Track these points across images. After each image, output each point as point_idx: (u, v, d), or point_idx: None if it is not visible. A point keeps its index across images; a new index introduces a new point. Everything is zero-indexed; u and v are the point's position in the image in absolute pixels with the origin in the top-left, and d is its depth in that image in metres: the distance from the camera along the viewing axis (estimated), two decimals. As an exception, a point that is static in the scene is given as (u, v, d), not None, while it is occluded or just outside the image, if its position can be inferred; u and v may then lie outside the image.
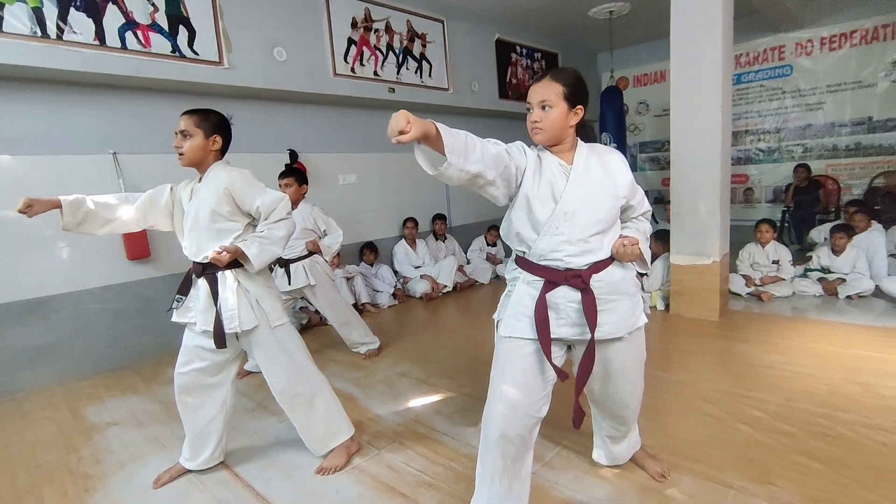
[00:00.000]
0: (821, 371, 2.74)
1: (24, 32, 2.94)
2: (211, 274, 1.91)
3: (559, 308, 1.51)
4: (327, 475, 2.08)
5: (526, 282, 1.56)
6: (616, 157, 1.61)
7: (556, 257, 1.48)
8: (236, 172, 1.95)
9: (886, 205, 5.62)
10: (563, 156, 1.56)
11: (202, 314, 1.92)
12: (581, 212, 1.47)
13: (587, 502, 1.79)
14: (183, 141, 1.91)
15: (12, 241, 3.26)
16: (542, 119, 1.50)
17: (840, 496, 1.71)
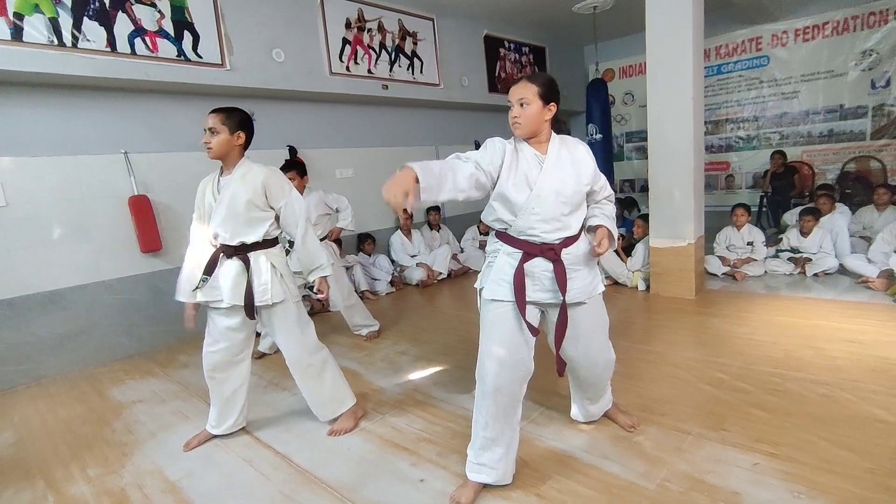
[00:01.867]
0: (781, 339, 3.03)
1: (42, 42, 3.15)
2: (243, 254, 2.16)
3: (535, 276, 1.78)
4: (338, 436, 2.35)
5: (506, 253, 1.80)
6: (581, 148, 1.87)
7: (532, 233, 1.74)
8: (271, 171, 2.21)
9: (857, 188, 5.93)
10: (538, 147, 1.80)
11: (230, 291, 2.16)
12: (552, 196, 1.72)
13: (567, 450, 2.07)
14: (211, 137, 2.13)
15: (34, 236, 3.48)
16: (520, 115, 1.74)
17: (781, 437, 2.00)
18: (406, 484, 1.94)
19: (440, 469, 2.01)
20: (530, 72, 7.27)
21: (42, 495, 2.11)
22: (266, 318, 2.27)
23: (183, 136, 4.17)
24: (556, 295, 1.78)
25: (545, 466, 1.96)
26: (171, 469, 2.20)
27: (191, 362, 3.62)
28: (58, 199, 3.57)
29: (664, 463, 1.91)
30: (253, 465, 2.17)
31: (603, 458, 1.97)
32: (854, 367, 2.56)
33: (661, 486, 1.78)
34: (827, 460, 1.84)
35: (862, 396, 2.27)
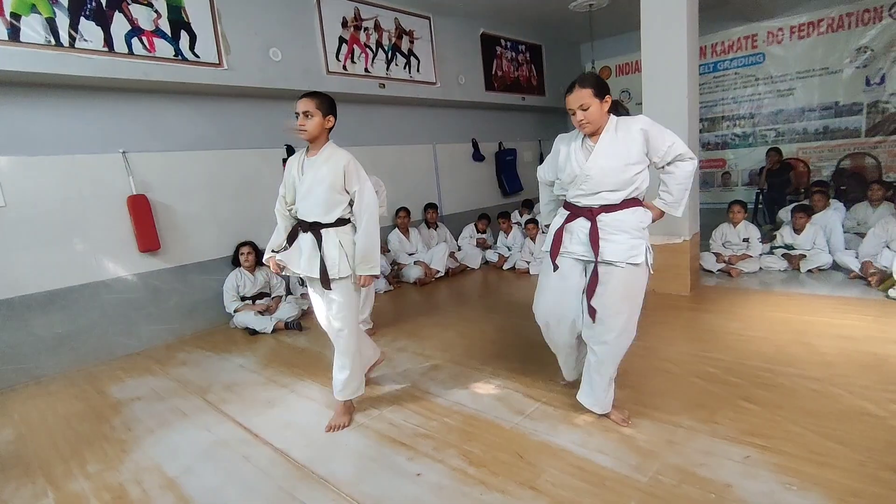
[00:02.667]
0: (773, 334, 3.07)
1: (39, 42, 3.17)
2: (317, 231, 2.33)
3: (573, 231, 2.14)
4: (334, 432, 2.39)
5: (561, 214, 2.22)
6: (636, 126, 2.04)
7: (577, 201, 2.12)
8: (351, 157, 2.33)
9: (852, 185, 5.97)
10: (594, 136, 2.09)
11: (306, 263, 2.35)
12: (596, 177, 2.04)
13: (562, 444, 2.10)
14: (305, 120, 2.24)
15: (33, 236, 3.50)
16: (584, 118, 2.02)
17: (769, 430, 2.03)
18: (403, 478, 1.97)
19: (437, 463, 2.04)
20: (526, 70, 7.30)
21: (42, 491, 2.13)
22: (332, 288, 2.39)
23: (181, 135, 4.19)
24: (590, 251, 2.07)
25: (540, 460, 1.99)
26: (170, 465, 2.23)
27: (189, 360, 3.65)
28: (56, 198, 3.58)
29: (657, 456, 1.94)
30: (251, 461, 2.20)
31: (597, 452, 2.00)
32: (845, 362, 2.59)
33: (654, 479, 1.80)
34: (818, 453, 1.87)
35: (852, 391, 2.30)
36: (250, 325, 4.12)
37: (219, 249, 4.44)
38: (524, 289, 4.96)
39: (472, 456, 2.07)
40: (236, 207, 4.56)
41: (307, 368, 3.25)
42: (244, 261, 4.33)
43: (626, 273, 2.04)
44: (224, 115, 4.44)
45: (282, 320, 4.15)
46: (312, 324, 4.28)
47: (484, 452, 2.08)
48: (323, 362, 3.35)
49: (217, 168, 4.41)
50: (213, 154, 4.38)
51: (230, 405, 2.79)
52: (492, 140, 7.29)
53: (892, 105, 5.87)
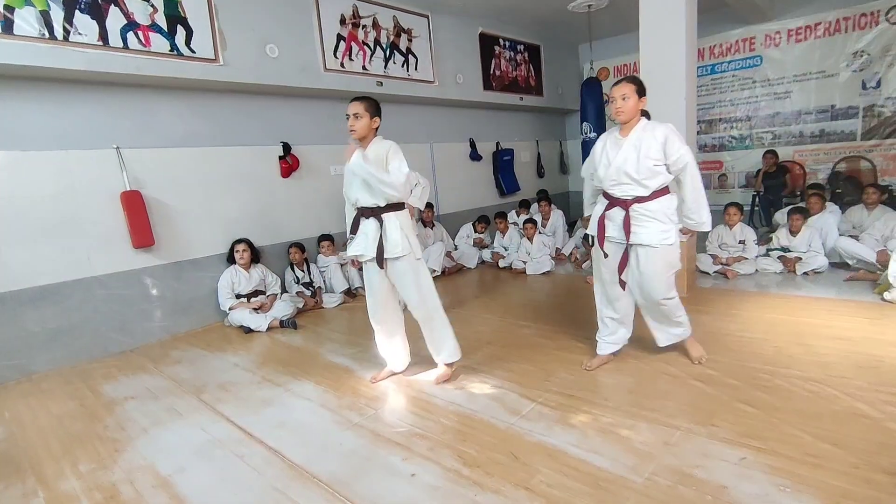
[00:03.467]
0: (770, 336, 3.07)
1: (33, 35, 3.13)
2: (378, 215, 2.59)
3: (612, 218, 2.57)
4: (440, 383, 2.75)
5: (601, 203, 2.64)
6: (660, 131, 2.42)
7: (612, 192, 2.54)
8: (392, 143, 2.61)
9: (847, 188, 5.99)
10: (625, 130, 2.50)
11: (372, 244, 2.60)
12: (627, 169, 2.44)
13: (557, 445, 2.09)
14: (355, 121, 2.53)
15: (25, 231, 3.46)
16: (622, 106, 2.43)
17: (768, 432, 2.03)
18: (397, 478, 1.96)
19: (432, 463, 2.03)
20: (525, 70, 7.30)
21: (32, 490, 2.11)
22: (390, 269, 2.65)
23: (176, 131, 4.16)
24: (622, 235, 2.51)
25: (535, 461, 1.98)
26: (164, 464, 2.20)
27: (183, 358, 3.62)
28: (49, 193, 3.55)
29: (652, 457, 1.93)
30: (245, 461, 2.18)
31: (592, 453, 1.99)
32: (841, 364, 2.59)
33: (649, 480, 1.80)
34: (812, 454, 1.87)
35: (848, 392, 2.30)
36: (245, 323, 4.09)
37: (214, 246, 4.41)
38: (520, 289, 4.95)
39: (467, 456, 2.05)
40: (232, 204, 4.53)
41: (302, 367, 3.23)
42: (239, 258, 4.30)
43: (661, 251, 2.48)
44: (220, 112, 4.41)
45: (277, 318, 4.13)
46: (307, 322, 4.26)
47: (479, 453, 2.07)
48: (318, 361, 3.34)
49: (212, 164, 4.38)
50: (208, 150, 4.35)
51: (224, 404, 2.77)
52: (489, 140, 7.28)
53: (887, 109, 5.89)
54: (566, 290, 4.75)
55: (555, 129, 8.75)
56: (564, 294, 4.60)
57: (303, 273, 4.81)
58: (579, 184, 8.50)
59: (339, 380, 2.98)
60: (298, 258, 4.77)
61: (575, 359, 2.98)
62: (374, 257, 2.61)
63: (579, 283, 4.85)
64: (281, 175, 4.85)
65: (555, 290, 4.79)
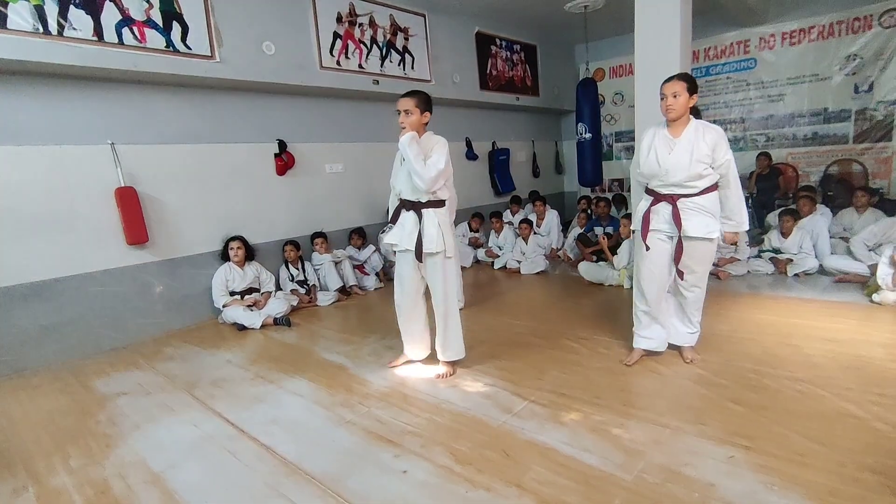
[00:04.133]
0: (760, 336, 3.10)
1: (27, 29, 3.12)
2: (418, 209, 2.67)
3: (659, 213, 2.62)
4: (443, 379, 2.82)
5: (645, 199, 2.70)
6: (710, 134, 2.45)
7: (659, 189, 2.60)
8: (440, 139, 2.68)
9: (839, 191, 6.05)
10: (675, 129, 2.53)
11: (407, 237, 2.71)
12: (674, 170, 2.49)
13: (548, 443, 2.10)
14: (406, 118, 2.60)
15: (18, 226, 3.44)
16: (673, 104, 2.46)
17: (755, 431, 2.05)
18: (389, 475, 1.97)
19: (423, 461, 2.04)
20: (521, 70, 7.32)
21: (23, 485, 2.10)
22: (425, 261, 2.73)
23: (171, 127, 4.15)
24: (674, 228, 2.56)
25: (526, 458, 1.99)
26: (155, 460, 2.20)
27: (176, 355, 3.61)
28: (42, 189, 3.53)
29: (642, 455, 1.95)
30: (237, 457, 2.18)
31: (583, 451, 2.01)
32: (830, 365, 2.63)
33: (638, 478, 1.82)
34: (800, 453, 1.89)
35: (836, 393, 2.33)
36: (239, 320, 4.09)
37: (208, 243, 4.40)
38: (514, 288, 4.97)
39: (459, 454, 2.07)
40: (226, 201, 4.52)
41: (295, 364, 3.23)
42: (233, 255, 4.30)
43: (704, 244, 2.56)
44: (215, 108, 4.40)
45: (271, 316, 4.13)
46: (301, 320, 4.26)
47: (471, 450, 2.09)
48: (311, 358, 3.34)
49: (207, 161, 4.37)
50: (203, 147, 4.34)
51: (217, 401, 2.77)
52: (485, 139, 7.29)
53: (879, 112, 5.95)
54: (560, 289, 4.77)
55: (551, 130, 8.78)
56: (558, 294, 4.62)
57: (297, 271, 4.81)
58: (575, 184, 8.53)
59: (332, 377, 2.99)
60: (293, 256, 4.77)
61: (568, 358, 3.00)
62: (408, 249, 2.72)
63: (573, 283, 4.88)
64: (276, 172, 4.85)
65: (549, 290, 4.81)
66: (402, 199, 2.76)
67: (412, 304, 2.91)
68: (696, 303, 2.75)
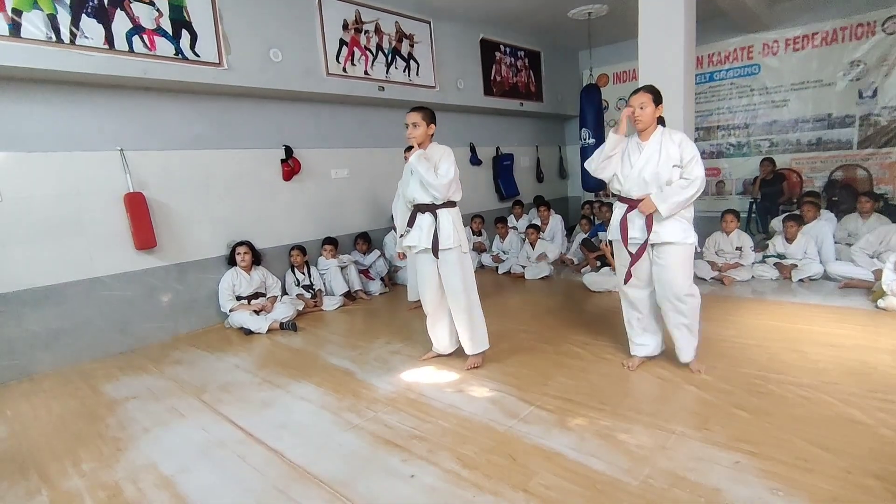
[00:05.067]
0: (765, 342, 3.11)
1: (40, 38, 3.17)
2: (434, 211, 2.88)
3: (633, 220, 2.66)
4: (472, 368, 3.01)
5: (619, 207, 2.74)
6: (677, 137, 2.57)
7: (631, 195, 2.65)
8: (446, 149, 2.92)
9: (843, 196, 6.04)
10: (644, 136, 2.63)
11: (425, 237, 2.90)
12: (646, 171, 2.57)
13: (555, 448, 2.12)
14: (413, 130, 2.85)
15: (29, 231, 3.49)
16: (640, 115, 2.57)
17: (761, 437, 2.06)
18: (397, 479, 1.99)
19: (431, 465, 2.06)
20: (525, 76, 7.36)
21: (36, 489, 2.13)
22: (441, 258, 2.91)
23: (179, 133, 4.20)
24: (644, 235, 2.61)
25: (533, 463, 2.01)
26: (166, 464, 2.23)
27: (184, 359, 3.65)
28: (53, 195, 3.58)
29: (648, 461, 1.96)
30: (246, 461, 2.20)
31: (589, 456, 2.03)
32: (834, 370, 2.63)
33: (645, 483, 1.83)
34: (805, 459, 1.90)
35: (841, 398, 2.34)
36: (245, 324, 4.12)
37: (215, 248, 4.44)
38: (519, 293, 4.99)
39: (466, 458, 2.08)
40: (233, 207, 4.56)
41: (302, 369, 3.26)
42: (240, 260, 4.34)
43: (681, 248, 2.58)
44: (223, 115, 4.45)
45: (277, 320, 4.16)
46: (307, 324, 4.29)
47: (477, 455, 2.10)
48: (318, 363, 3.37)
49: (215, 167, 4.42)
50: (210, 153, 4.39)
51: (225, 405, 2.80)
52: (489, 144, 7.33)
53: (883, 118, 5.95)
54: (565, 294, 4.78)
55: (554, 135, 8.81)
56: (563, 299, 4.64)
57: (303, 275, 4.84)
58: (579, 189, 8.55)
59: (339, 382, 3.01)
60: (299, 261, 4.81)
61: (573, 363, 3.01)
62: (427, 248, 2.90)
63: (578, 288, 4.89)
64: (283, 178, 4.89)
65: (553, 295, 4.83)
66: (417, 204, 2.95)
67: (435, 300, 3.07)
68: (691, 310, 2.67)
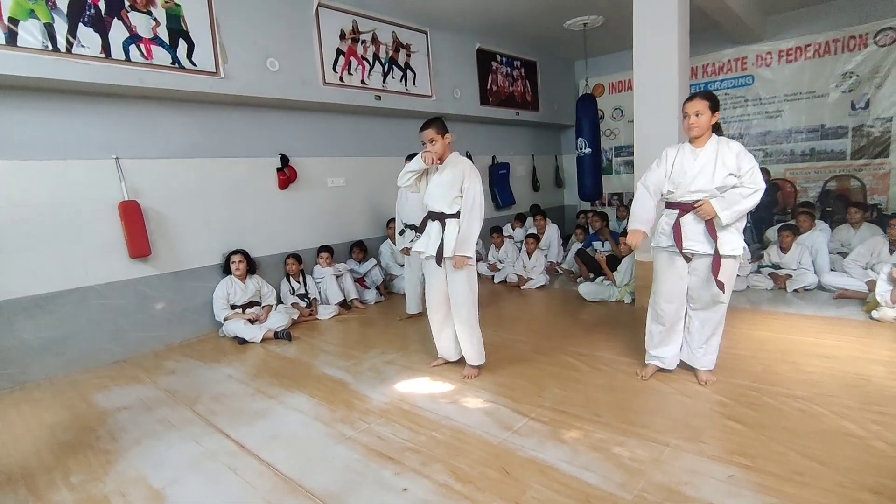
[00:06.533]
0: (759, 353, 3.11)
1: (36, 46, 3.17)
2: (443, 220, 2.93)
3: (688, 227, 2.59)
4: (468, 380, 3.01)
5: (668, 215, 2.69)
6: (734, 148, 2.51)
7: (684, 199, 2.59)
8: (467, 163, 2.96)
9: (837, 206, 6.07)
10: (698, 142, 2.58)
11: (433, 244, 2.95)
12: (702, 178, 2.52)
13: (548, 461, 2.11)
14: (432, 146, 2.88)
15: (22, 239, 3.47)
16: (696, 123, 2.52)
17: (755, 450, 2.06)
18: (389, 492, 1.97)
19: (423, 478, 2.04)
20: (521, 86, 7.40)
21: (23, 501, 2.10)
22: (447, 267, 2.95)
23: (176, 142, 4.19)
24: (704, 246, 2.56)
25: (526, 476, 2.00)
26: (156, 477, 2.21)
27: (177, 369, 3.62)
28: (47, 203, 3.56)
29: (642, 474, 1.95)
30: (238, 474, 2.18)
31: (583, 469, 2.02)
32: (829, 382, 2.63)
33: (639, 497, 1.82)
34: (800, 473, 1.90)
35: (835, 411, 2.33)
36: (240, 333, 4.10)
37: (210, 257, 4.43)
38: (514, 303, 4.99)
39: (459, 471, 2.07)
40: (228, 215, 4.55)
41: (296, 379, 3.24)
42: (235, 269, 4.32)
43: (729, 262, 2.55)
44: (219, 123, 4.45)
45: (271, 329, 4.14)
46: (302, 334, 4.27)
47: (470, 468, 2.09)
48: (312, 373, 3.35)
49: (210, 175, 4.41)
50: (207, 161, 4.39)
51: (218, 416, 2.77)
52: (485, 153, 7.35)
53: (876, 129, 6.00)
54: (560, 304, 4.78)
55: (550, 144, 8.84)
56: (558, 309, 4.64)
57: (298, 284, 4.82)
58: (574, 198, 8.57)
59: (332, 392, 2.99)
60: (295, 269, 4.79)
61: (568, 374, 3.01)
62: (433, 255, 2.93)
63: (573, 298, 4.89)
64: (278, 186, 4.89)
65: (549, 305, 4.83)
66: (430, 211, 3.01)
67: (443, 310, 3.10)
68: (717, 325, 2.71)
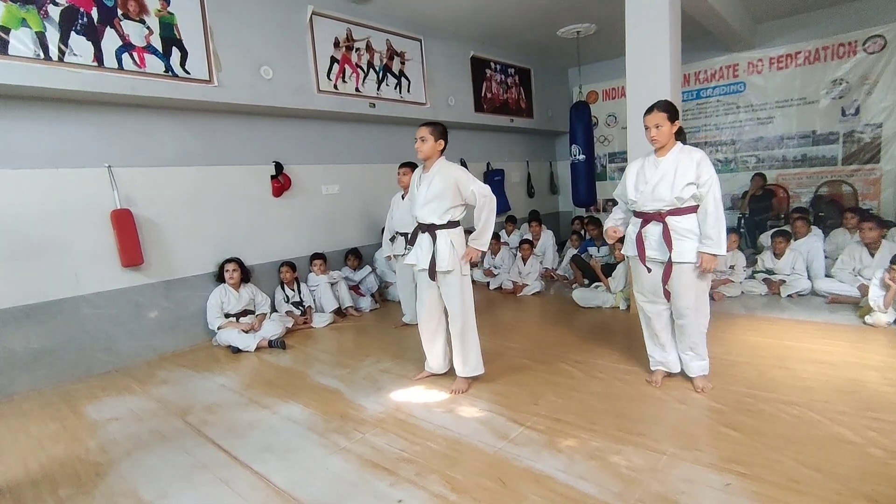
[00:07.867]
0: (755, 359, 3.11)
1: (28, 55, 3.15)
2: (433, 232, 2.85)
3: (651, 234, 2.65)
4: (457, 395, 2.91)
5: (633, 224, 2.76)
6: (695, 156, 2.53)
7: (645, 208, 2.64)
8: (457, 168, 2.88)
9: (830, 211, 6.12)
10: (661, 152, 2.62)
11: (424, 256, 2.89)
12: (662, 186, 2.55)
13: (545, 470, 2.09)
14: (422, 144, 2.85)
15: (13, 248, 3.43)
16: (657, 135, 2.56)
17: (752, 458, 2.05)
18: (384, 504, 1.95)
19: (418, 489, 2.02)
20: (515, 93, 7.43)
21: (11, 517, 2.06)
22: (440, 280, 2.91)
23: (168, 150, 4.17)
24: (664, 253, 2.59)
25: (522, 487, 1.98)
26: (146, 490, 2.17)
27: (170, 378, 3.58)
28: (38, 211, 3.53)
29: (639, 483, 1.94)
30: (230, 486, 2.15)
31: (579, 479, 2.00)
32: (823, 388, 2.63)
33: (636, 507, 1.81)
34: (795, 480, 1.89)
35: (830, 417, 2.33)
36: (233, 342, 4.06)
37: (203, 265, 4.39)
38: (510, 309, 4.97)
39: (455, 482, 2.05)
40: (222, 223, 4.53)
41: (289, 389, 3.21)
42: (229, 278, 4.29)
43: (694, 269, 2.57)
44: (212, 131, 4.44)
45: (265, 338, 4.10)
46: (296, 342, 4.24)
47: (466, 478, 2.07)
48: (306, 383, 3.31)
49: (203, 183, 4.39)
50: (199, 170, 4.36)
51: (210, 427, 2.73)
52: (480, 160, 7.37)
53: (866, 135, 6.06)
54: (556, 311, 4.77)
55: (545, 151, 8.88)
56: (554, 315, 4.63)
57: (293, 292, 4.80)
58: (569, 204, 8.59)
59: (327, 402, 2.96)
60: (289, 277, 4.77)
61: (564, 382, 2.99)
62: (425, 268, 2.89)
63: (569, 304, 4.89)
64: (273, 194, 4.87)
65: (544, 312, 4.82)
66: (420, 223, 2.95)
67: (431, 320, 3.05)
68: (694, 331, 2.68)
